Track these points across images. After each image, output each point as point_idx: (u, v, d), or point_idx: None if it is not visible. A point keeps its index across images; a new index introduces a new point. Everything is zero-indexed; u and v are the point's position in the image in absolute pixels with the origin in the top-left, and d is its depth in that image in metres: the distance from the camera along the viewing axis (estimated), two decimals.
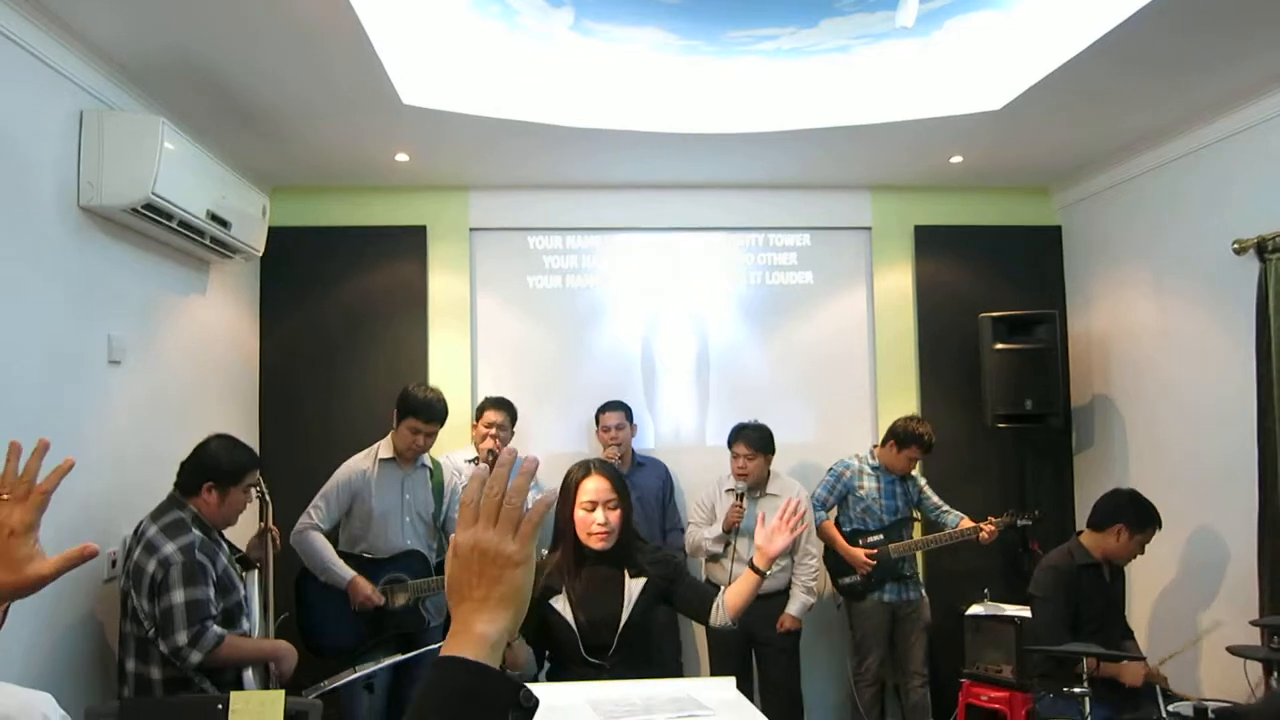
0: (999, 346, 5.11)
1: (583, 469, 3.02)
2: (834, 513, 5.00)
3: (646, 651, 3.00)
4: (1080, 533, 4.12)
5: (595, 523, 2.89)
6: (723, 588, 3.08)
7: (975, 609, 4.91)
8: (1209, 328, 4.46)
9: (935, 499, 5.02)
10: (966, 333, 5.34)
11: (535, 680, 2.78)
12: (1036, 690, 4.04)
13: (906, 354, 5.55)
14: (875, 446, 5.03)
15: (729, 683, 2.67)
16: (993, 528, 4.83)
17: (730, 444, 4.74)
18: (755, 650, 4.74)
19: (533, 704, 0.94)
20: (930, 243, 5.58)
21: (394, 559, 4.24)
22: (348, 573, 4.10)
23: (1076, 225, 5.55)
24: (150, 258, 3.92)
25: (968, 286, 5.53)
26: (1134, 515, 3.99)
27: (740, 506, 4.60)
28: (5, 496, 1.34)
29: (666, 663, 4.78)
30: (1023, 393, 5.06)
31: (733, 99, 4.45)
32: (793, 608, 4.65)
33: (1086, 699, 3.24)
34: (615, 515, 2.93)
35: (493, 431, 4.67)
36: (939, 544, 4.88)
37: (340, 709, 4.03)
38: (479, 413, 4.81)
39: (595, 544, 2.85)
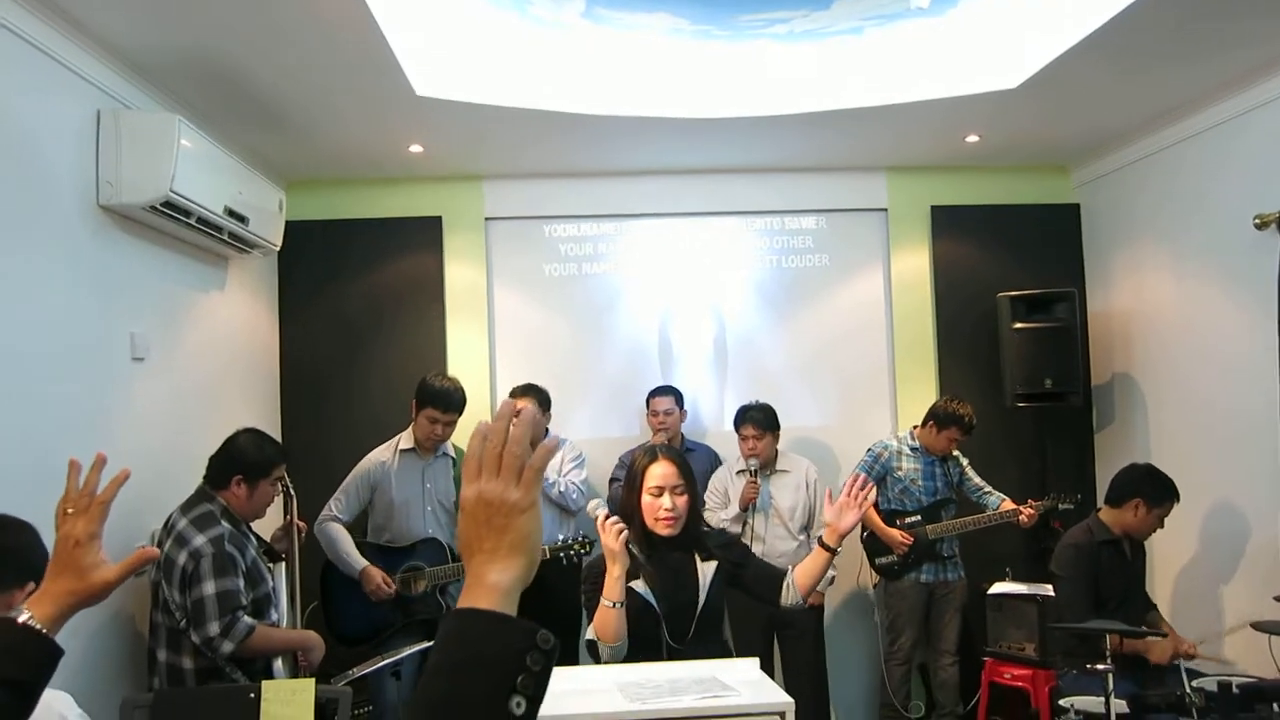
0: (1018, 326, 5.11)
1: (649, 454, 3.03)
2: (873, 493, 5.00)
3: (720, 635, 3.01)
4: (1099, 509, 4.14)
5: (663, 508, 2.89)
6: (791, 567, 3.09)
7: (998, 587, 4.92)
8: (1230, 304, 4.46)
9: (977, 480, 5.02)
10: (985, 312, 5.34)
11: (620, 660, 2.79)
12: (1060, 668, 4.07)
13: (924, 335, 5.56)
14: (915, 428, 5.04)
15: (752, 663, 2.71)
16: (1033, 511, 4.81)
17: (737, 426, 4.80)
18: (778, 632, 4.79)
19: (551, 645, 0.95)
20: (947, 223, 5.57)
21: (413, 547, 4.30)
22: (359, 562, 4.17)
23: (1095, 203, 5.53)
24: (170, 255, 3.97)
25: (986, 266, 5.52)
26: (1151, 489, 4.01)
27: (755, 482, 4.67)
28: (70, 511, 1.42)
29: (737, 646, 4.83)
30: (1042, 371, 5.06)
31: (746, 83, 4.46)
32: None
33: (1110, 675, 3.26)
34: (683, 501, 2.93)
35: None
36: (977, 526, 4.87)
37: (369, 696, 4.10)
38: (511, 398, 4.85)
39: (663, 530, 2.87)
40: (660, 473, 2.95)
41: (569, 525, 4.72)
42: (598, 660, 2.78)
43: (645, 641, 2.78)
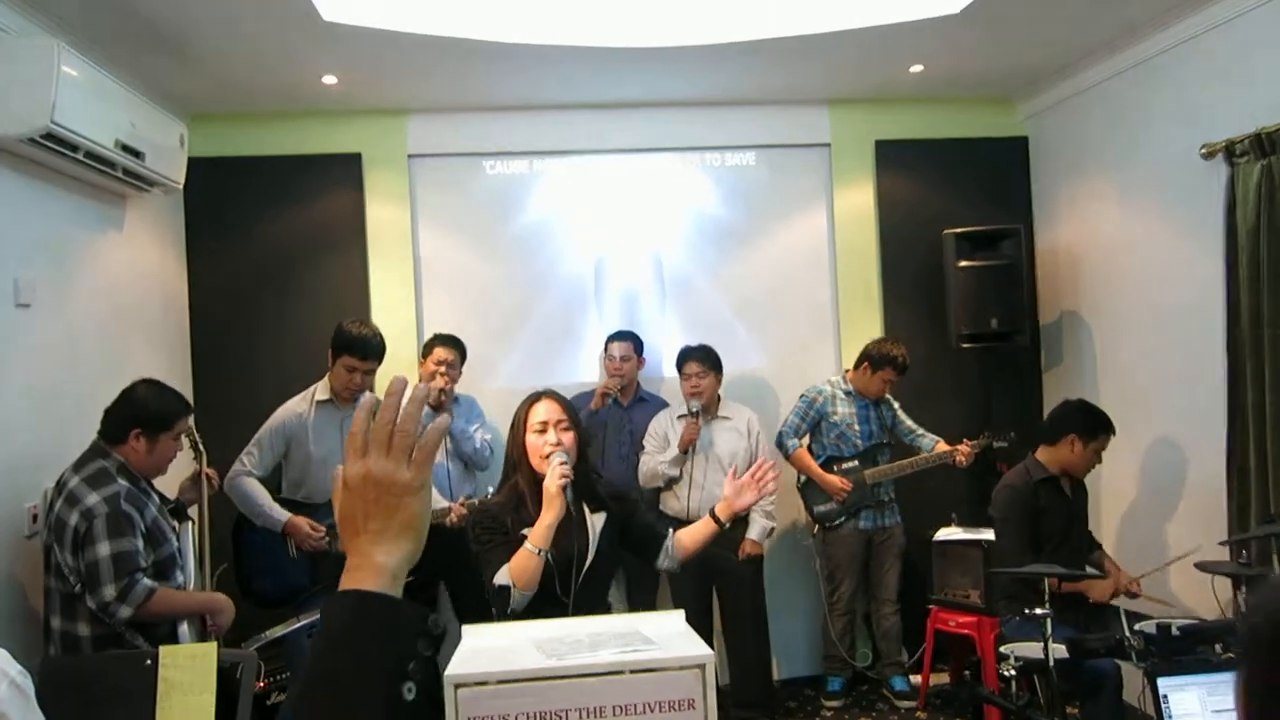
0: (963, 264, 5.09)
1: (531, 397, 3.03)
2: (807, 440, 5.02)
3: (605, 589, 3.02)
4: (1036, 449, 4.16)
5: (548, 444, 2.88)
6: (671, 530, 3.11)
7: (942, 534, 4.97)
8: (1177, 237, 4.46)
9: (910, 423, 5.05)
10: (930, 250, 5.32)
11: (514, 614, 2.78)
12: (1002, 614, 4.11)
13: (869, 274, 5.54)
14: (848, 371, 5.03)
15: (677, 616, 2.67)
16: (969, 450, 4.88)
17: (680, 365, 4.78)
18: (716, 583, 4.78)
19: (440, 631, 0.95)
20: (892, 158, 5.53)
21: (331, 504, 4.19)
22: (283, 514, 4.08)
23: (1043, 136, 5.51)
24: (58, 193, 3.78)
25: (931, 202, 5.49)
26: (1084, 423, 4.03)
27: (697, 423, 4.65)
28: None
29: (640, 595, 4.84)
30: (988, 311, 5.06)
31: (683, 11, 4.33)
32: (753, 532, 4.69)
33: (1048, 620, 3.28)
34: (569, 437, 2.92)
35: (442, 369, 4.62)
36: (915, 469, 4.92)
37: (286, 660, 4.01)
38: (427, 350, 4.75)
39: (560, 478, 2.82)
40: (544, 408, 2.95)
41: (473, 481, 4.69)
42: (501, 608, 2.77)
43: (536, 594, 2.79)
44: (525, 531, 2.80)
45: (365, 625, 0.94)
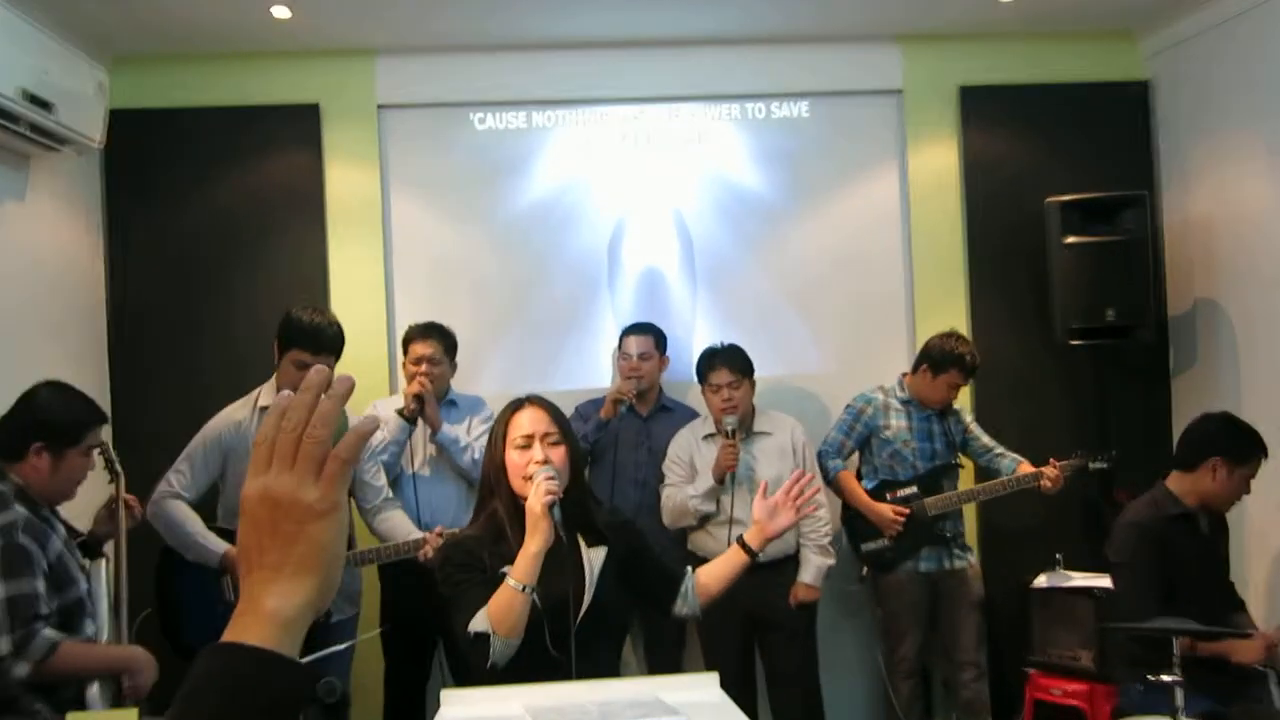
0: (1071, 240, 5.06)
1: (513, 404, 3.02)
2: (857, 461, 4.98)
3: (612, 643, 3.00)
4: (1166, 476, 4.09)
5: (532, 460, 2.86)
6: (690, 569, 3.09)
7: (1043, 580, 4.93)
8: None
9: (986, 439, 5.00)
10: (1029, 223, 5.27)
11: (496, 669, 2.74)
12: (1121, 680, 4.06)
13: (952, 253, 5.51)
14: (905, 375, 5.00)
15: (710, 679, 2.64)
16: (1056, 473, 4.79)
17: (703, 375, 4.72)
18: (759, 637, 4.74)
19: (337, 698, 0.93)
20: (980, 108, 5.50)
21: None
22: (220, 545, 4.06)
23: (1172, 79, 5.46)
24: None
25: (1031, 164, 5.46)
26: (1230, 444, 3.96)
27: (734, 445, 4.58)
28: None
29: (709, 649, 4.80)
30: (1103, 299, 5.02)
31: None
32: (806, 574, 4.64)
33: (1177, 689, 3.22)
34: (558, 453, 2.90)
35: (422, 369, 4.60)
36: (988, 496, 4.88)
37: None
38: (405, 345, 4.74)
39: (546, 495, 2.79)
40: (528, 419, 2.94)
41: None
42: (480, 661, 2.73)
43: (521, 646, 2.75)
44: (507, 569, 2.78)
45: (238, 689, 0.91)
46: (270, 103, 5.22)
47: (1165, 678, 3.26)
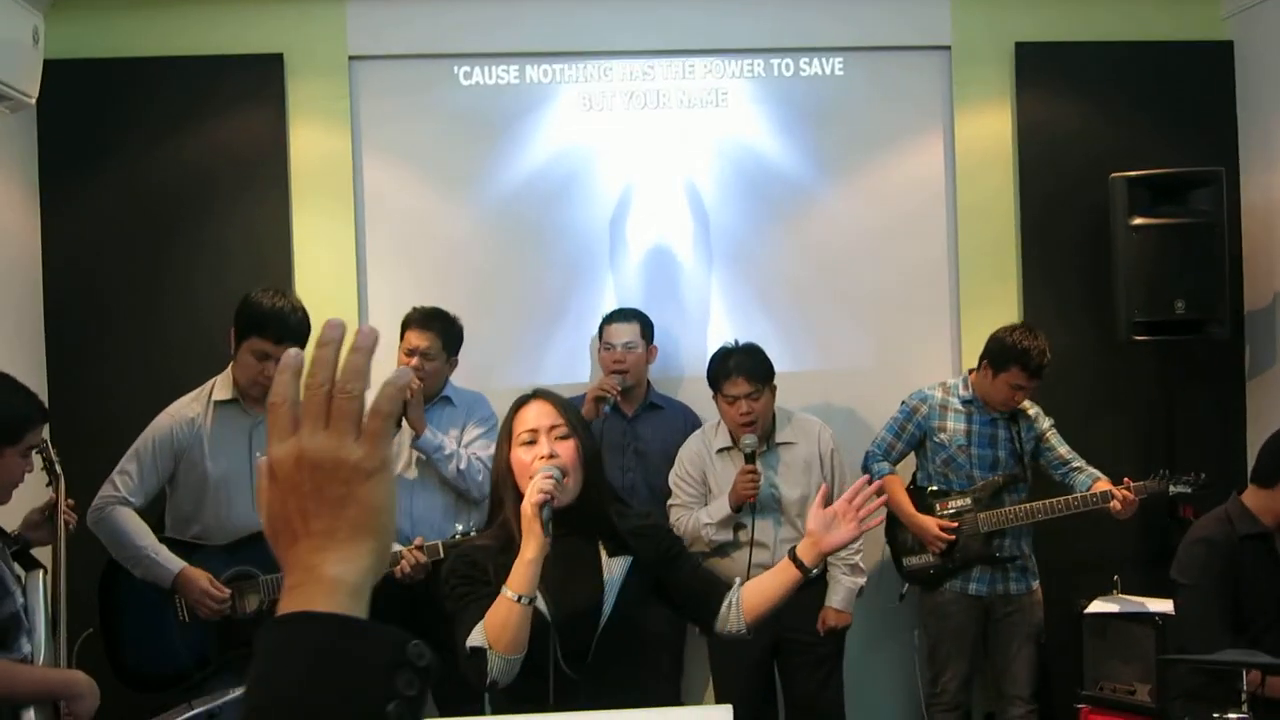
0: (1138, 221, 5.09)
1: (518, 401, 3.08)
2: (913, 466, 5.08)
3: (634, 662, 3.03)
4: (1242, 491, 4.15)
5: (538, 457, 2.92)
6: (738, 581, 3.12)
7: (1099, 604, 4.96)
8: None
9: (1063, 450, 5.00)
10: (1091, 202, 5.32)
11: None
12: (1181, 718, 4.12)
13: (1003, 234, 5.55)
14: (971, 372, 5.04)
15: (723, 713, 2.71)
16: (1128, 495, 4.73)
17: (717, 383, 4.71)
18: (779, 661, 4.82)
19: (426, 661, 0.95)
20: (1038, 68, 5.53)
21: (237, 545, 4.28)
22: (174, 563, 4.13)
23: (1256, 41, 5.47)
24: None
25: (1095, 133, 5.49)
26: None
27: (753, 471, 4.60)
28: None
29: (662, 680, 4.84)
30: (1172, 289, 5.06)
31: None
32: (835, 598, 4.71)
33: None
34: (567, 447, 2.95)
35: (414, 362, 4.66)
36: (1051, 515, 4.86)
37: None
38: (402, 331, 4.80)
39: (538, 494, 2.85)
40: (533, 413, 3.00)
41: (468, 515, 4.73)
42: (477, 678, 2.80)
43: (528, 663, 2.81)
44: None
45: (320, 660, 0.94)
46: (227, 52, 5.26)
47: (1232, 716, 3.33)
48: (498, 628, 2.76)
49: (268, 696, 0.94)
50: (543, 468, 2.86)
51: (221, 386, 4.34)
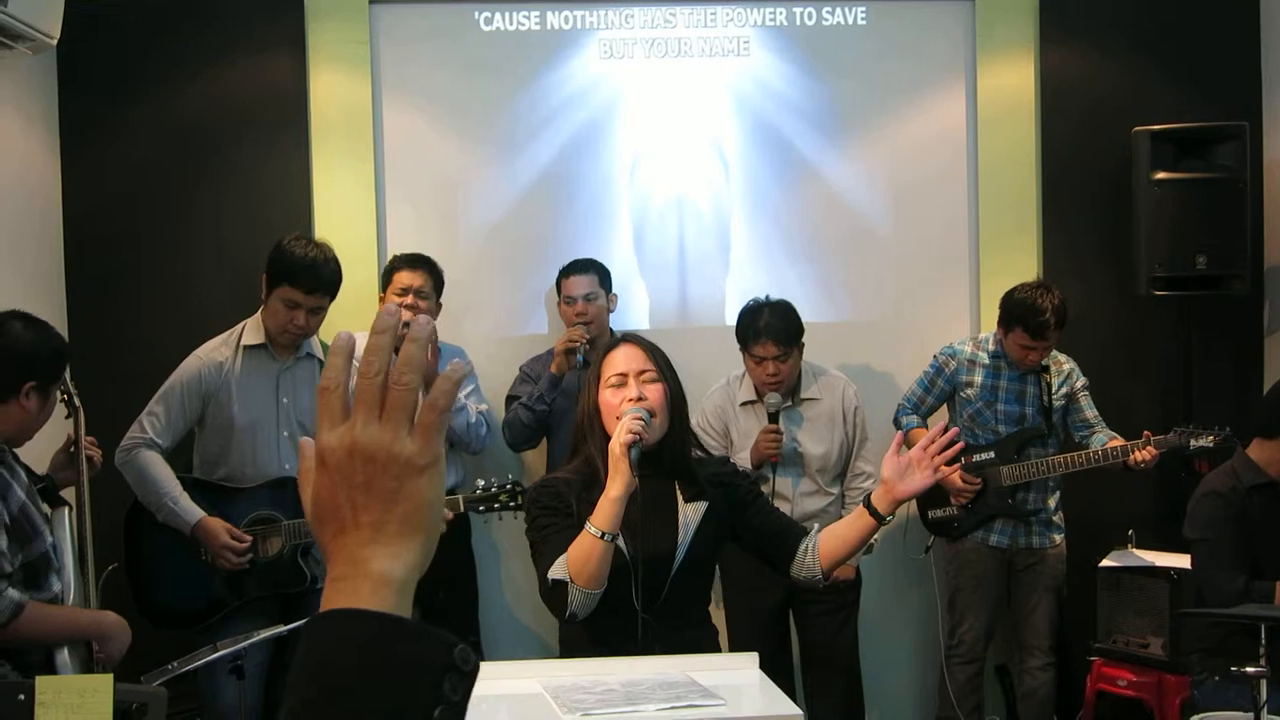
0: (1161, 176, 5.10)
1: (609, 344, 3.20)
2: (945, 420, 5.06)
3: (699, 604, 3.19)
4: (1247, 444, 4.18)
5: (626, 399, 2.99)
6: (816, 527, 3.19)
7: (1114, 558, 4.99)
8: None
9: (1090, 413, 5.02)
10: (1114, 155, 5.34)
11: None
12: (1195, 671, 4.16)
13: (1024, 187, 5.56)
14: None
15: (749, 660, 2.76)
16: (1151, 451, 4.72)
17: (745, 342, 4.70)
18: (795, 609, 4.88)
19: (472, 666, 0.95)
20: (1062, 19, 5.52)
21: (259, 490, 4.34)
22: (194, 512, 4.19)
23: None
24: None
25: (1118, 86, 5.50)
26: None
27: (775, 431, 4.64)
28: None
29: (733, 627, 4.89)
30: (1194, 244, 5.06)
31: None
32: None
33: (1262, 682, 3.33)
34: (655, 390, 3.04)
35: (408, 300, 4.71)
36: (1070, 469, 4.91)
37: (199, 700, 4.16)
38: (386, 276, 4.86)
39: (630, 431, 2.89)
40: (622, 356, 3.09)
41: (461, 467, 4.80)
42: (558, 609, 2.90)
43: (607, 600, 2.90)
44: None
45: (372, 660, 0.94)
46: None
47: (1249, 669, 3.36)
48: (580, 561, 2.86)
49: (318, 691, 0.94)
50: (632, 409, 2.95)
51: (251, 331, 4.39)
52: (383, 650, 0.94)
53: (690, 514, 3.07)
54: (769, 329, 4.61)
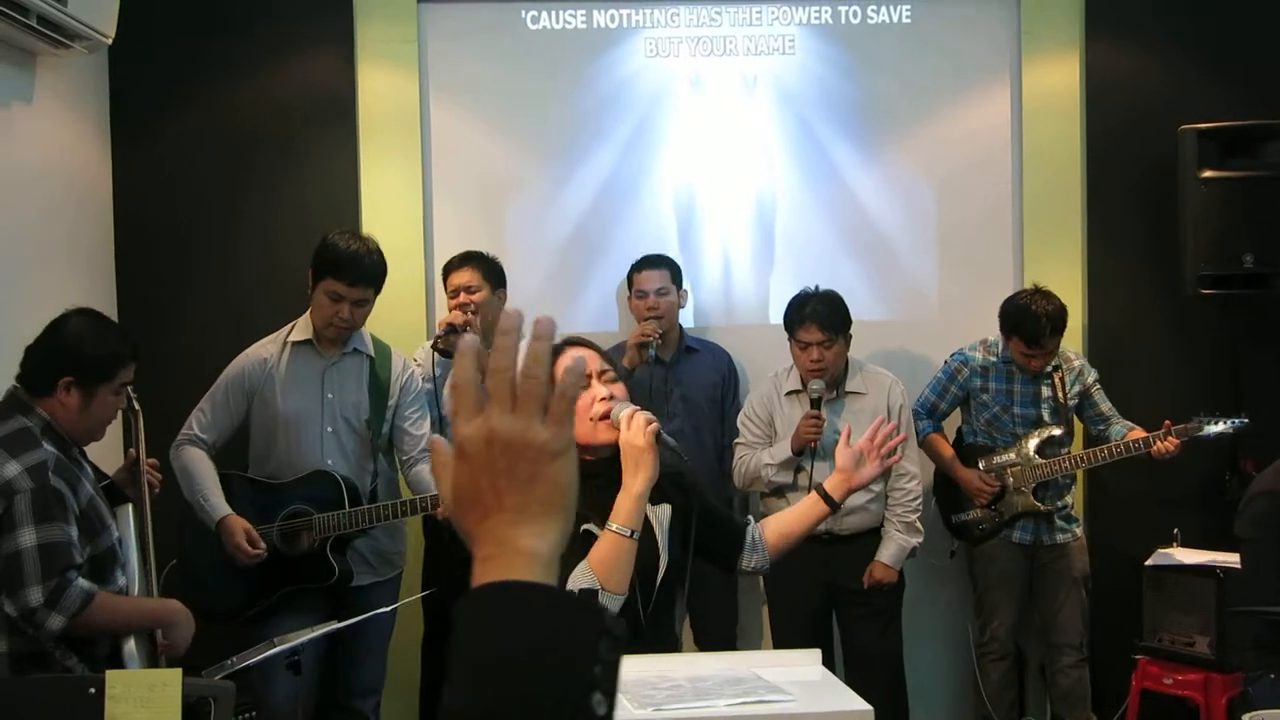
0: (1208, 174, 5.10)
1: (555, 349, 3.08)
2: (907, 447, 5.07)
3: (675, 616, 3.14)
4: None
5: (597, 399, 2.94)
6: (751, 519, 3.23)
7: (1160, 556, 5.00)
8: None
9: (1104, 407, 5.07)
10: (1160, 153, 5.33)
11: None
12: (1246, 669, 4.17)
13: (1068, 185, 5.57)
14: None
15: (812, 657, 2.78)
16: (1174, 440, 4.79)
17: (791, 328, 4.76)
18: (838, 612, 4.92)
19: (621, 631, 1.02)
20: (1109, 16, 5.52)
21: (295, 485, 4.40)
22: (218, 510, 4.24)
23: None
24: None
25: (1164, 84, 5.51)
26: None
27: (817, 416, 4.67)
28: None
29: (715, 629, 4.98)
30: (1242, 242, 5.07)
31: None
32: (886, 553, 4.78)
33: None
34: (619, 389, 3.01)
35: (460, 299, 4.77)
36: (1090, 465, 4.97)
37: (253, 695, 4.22)
38: (445, 275, 4.92)
39: (605, 434, 2.89)
40: (579, 359, 3.02)
41: None
42: None
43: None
44: (587, 527, 2.87)
45: (540, 626, 1.02)
46: None
47: None
48: (608, 564, 2.78)
49: (492, 656, 1.01)
50: (621, 405, 2.89)
51: (300, 328, 4.46)
52: (545, 615, 1.03)
53: (661, 516, 3.02)
54: (814, 314, 4.68)
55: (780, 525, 3.18)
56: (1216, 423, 4.88)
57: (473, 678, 1.01)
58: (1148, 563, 5.00)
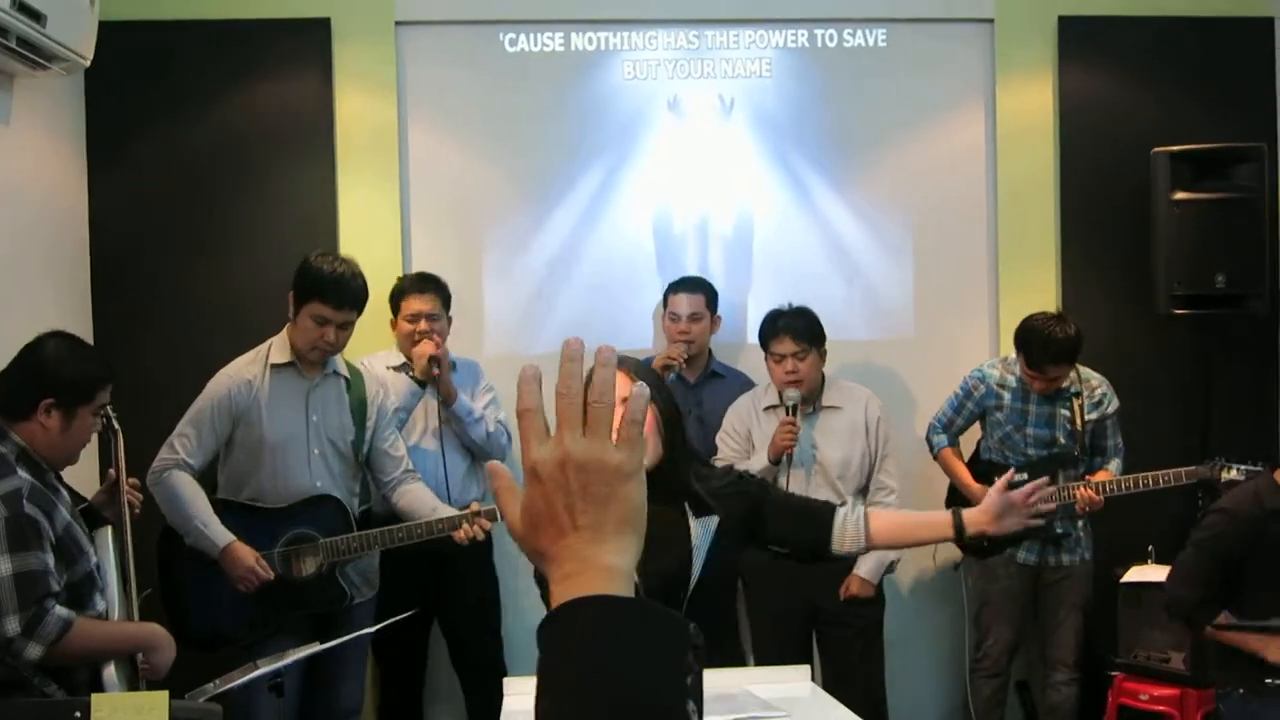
0: (1179, 196, 5.14)
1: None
2: (976, 440, 5.18)
3: (725, 623, 3.16)
4: (1276, 467, 4.20)
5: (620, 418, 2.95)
6: (849, 502, 3.30)
7: (1135, 574, 5.02)
8: None
9: (1109, 440, 5.09)
10: (1133, 176, 5.38)
11: None
12: (1219, 686, 4.19)
13: (1042, 208, 5.61)
14: None
15: (801, 673, 2.79)
16: (1093, 496, 4.85)
17: (766, 340, 4.82)
18: (818, 631, 4.93)
19: (702, 641, 1.07)
20: (1081, 42, 5.58)
21: (296, 509, 4.36)
22: (221, 537, 4.21)
23: None
24: None
25: (1137, 108, 5.56)
26: None
27: (793, 424, 4.69)
28: None
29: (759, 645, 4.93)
30: (1213, 264, 5.11)
31: None
32: (863, 568, 4.79)
33: None
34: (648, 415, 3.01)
35: (420, 325, 4.78)
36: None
37: (237, 717, 4.18)
38: (395, 298, 4.91)
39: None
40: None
41: (484, 477, 4.84)
42: None
43: None
44: None
45: (636, 637, 1.07)
46: (273, 16, 5.29)
47: (1269, 679, 3.40)
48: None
49: (592, 667, 1.04)
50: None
51: (278, 349, 4.42)
52: (641, 626, 1.07)
53: (700, 530, 3.04)
54: (787, 326, 4.75)
55: (898, 521, 3.21)
56: (1232, 469, 4.83)
57: (573, 688, 1.05)
58: (1123, 580, 5.03)
